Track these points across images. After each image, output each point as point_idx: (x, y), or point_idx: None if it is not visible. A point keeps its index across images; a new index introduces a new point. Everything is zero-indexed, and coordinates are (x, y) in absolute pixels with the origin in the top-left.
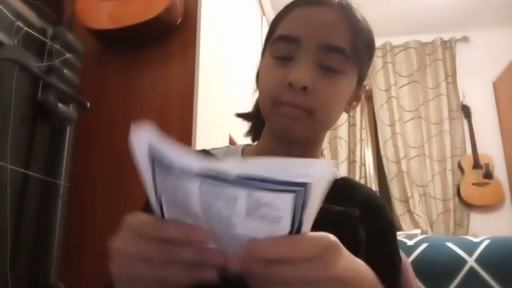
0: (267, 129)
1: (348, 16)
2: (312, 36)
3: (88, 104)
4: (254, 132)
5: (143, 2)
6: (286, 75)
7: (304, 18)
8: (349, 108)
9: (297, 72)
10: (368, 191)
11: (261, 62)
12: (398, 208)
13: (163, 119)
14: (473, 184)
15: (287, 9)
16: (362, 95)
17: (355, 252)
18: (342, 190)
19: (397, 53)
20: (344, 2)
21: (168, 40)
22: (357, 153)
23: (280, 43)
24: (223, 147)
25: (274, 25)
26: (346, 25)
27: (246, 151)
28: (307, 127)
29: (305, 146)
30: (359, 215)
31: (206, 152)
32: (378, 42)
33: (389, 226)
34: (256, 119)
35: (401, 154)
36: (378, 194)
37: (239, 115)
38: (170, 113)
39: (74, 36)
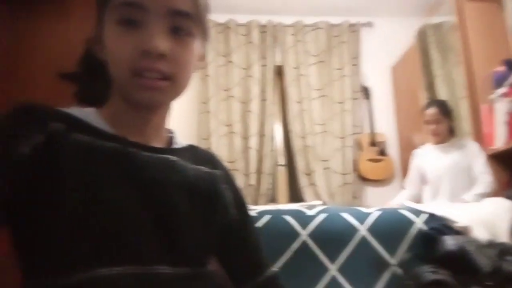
0: (119, 96)
1: None
2: (158, 2)
3: None
4: (88, 94)
5: None
6: (140, 43)
7: None
8: (195, 68)
9: (152, 39)
10: (217, 157)
11: (102, 28)
12: (302, 180)
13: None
14: (369, 160)
15: None
16: (204, 54)
17: (223, 209)
18: (202, 155)
19: (307, 32)
20: None
21: None
22: (267, 127)
23: (124, 9)
24: (73, 108)
25: None
26: None
27: (103, 114)
28: (170, 94)
29: (162, 113)
30: (222, 176)
31: (63, 112)
32: (291, 20)
33: (241, 191)
34: (87, 80)
35: (307, 130)
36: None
37: (64, 76)
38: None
39: None
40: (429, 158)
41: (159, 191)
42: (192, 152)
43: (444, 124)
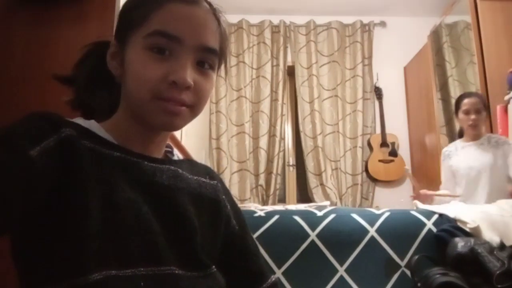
0: (128, 112)
1: (218, 19)
2: (193, 37)
3: None
4: (86, 103)
5: None
6: (168, 72)
7: (184, 17)
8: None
9: (181, 72)
10: (213, 171)
11: (124, 47)
12: (312, 181)
13: None
14: (380, 161)
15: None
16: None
17: (226, 218)
18: (199, 168)
19: (320, 32)
20: (213, 6)
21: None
22: (278, 127)
23: (158, 38)
24: (78, 119)
25: (144, 12)
26: (217, 28)
27: (106, 128)
28: (187, 120)
29: (167, 133)
30: (221, 188)
31: (72, 121)
32: (303, 19)
33: (236, 203)
34: (87, 88)
35: (318, 130)
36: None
37: (58, 78)
38: None
39: None
40: (464, 156)
41: (169, 196)
42: (189, 164)
43: (483, 115)
